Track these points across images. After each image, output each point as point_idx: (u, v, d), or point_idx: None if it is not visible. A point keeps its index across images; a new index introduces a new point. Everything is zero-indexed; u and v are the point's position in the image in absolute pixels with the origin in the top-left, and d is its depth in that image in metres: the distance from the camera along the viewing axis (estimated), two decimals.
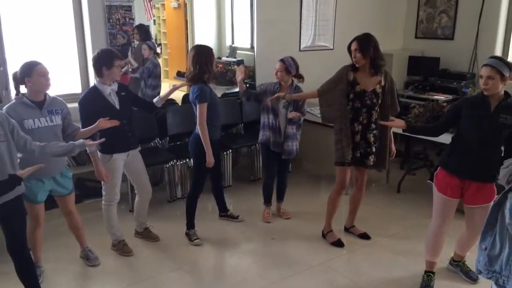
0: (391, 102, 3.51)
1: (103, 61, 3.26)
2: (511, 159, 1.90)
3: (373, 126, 3.49)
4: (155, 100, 3.67)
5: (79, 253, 3.55)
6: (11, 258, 2.75)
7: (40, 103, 3.02)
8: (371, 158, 3.55)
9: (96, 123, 3.10)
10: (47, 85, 3.02)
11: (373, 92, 3.42)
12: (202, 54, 3.55)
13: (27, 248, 2.83)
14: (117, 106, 3.36)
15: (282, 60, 3.90)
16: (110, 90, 3.33)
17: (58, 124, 3.09)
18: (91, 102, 3.28)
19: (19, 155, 2.77)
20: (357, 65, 3.41)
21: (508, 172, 1.81)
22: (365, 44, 3.35)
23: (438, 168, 3.06)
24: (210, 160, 3.62)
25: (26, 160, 2.79)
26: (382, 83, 3.44)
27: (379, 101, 3.46)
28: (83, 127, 3.24)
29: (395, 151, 3.73)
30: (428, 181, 3.16)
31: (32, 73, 2.93)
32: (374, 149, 3.54)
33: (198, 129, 3.59)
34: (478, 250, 2.01)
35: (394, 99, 3.53)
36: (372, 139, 3.51)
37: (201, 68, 3.52)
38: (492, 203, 2.91)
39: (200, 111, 3.53)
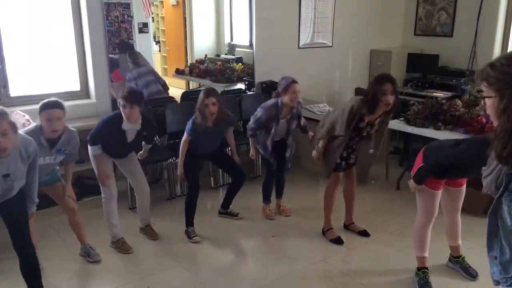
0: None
1: (122, 100, 3.29)
2: (486, 167, 1.84)
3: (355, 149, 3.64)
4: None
5: (79, 251, 3.54)
6: (18, 256, 2.70)
7: (53, 141, 2.98)
8: (352, 158, 3.67)
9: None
10: (52, 132, 2.92)
11: (370, 124, 3.46)
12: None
13: (33, 246, 2.78)
14: (129, 140, 3.45)
15: (295, 81, 3.78)
16: (129, 127, 3.38)
17: (58, 162, 3.14)
18: (110, 129, 3.37)
19: None
20: (388, 108, 3.32)
21: (493, 179, 1.77)
22: (396, 85, 3.31)
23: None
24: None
25: None
26: (382, 119, 3.50)
27: (372, 129, 3.52)
28: (95, 133, 3.36)
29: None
30: (425, 186, 3.00)
31: (41, 113, 2.90)
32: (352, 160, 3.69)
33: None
34: (489, 261, 1.97)
35: (382, 137, 3.64)
36: (353, 160, 3.69)
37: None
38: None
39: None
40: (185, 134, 3.71)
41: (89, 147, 3.42)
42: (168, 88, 5.46)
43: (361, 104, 3.32)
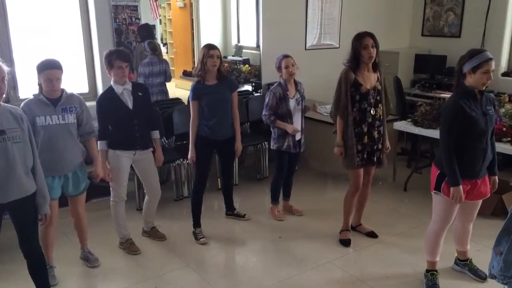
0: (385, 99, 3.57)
1: (105, 61, 3.32)
2: None
3: (378, 123, 3.51)
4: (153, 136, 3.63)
5: (79, 254, 3.55)
6: (24, 257, 2.70)
7: (55, 100, 3.02)
8: (377, 155, 3.57)
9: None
10: (52, 90, 2.99)
11: (374, 89, 3.45)
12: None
13: (40, 248, 2.77)
14: (130, 106, 3.38)
15: (287, 55, 3.88)
16: (122, 90, 3.36)
17: (71, 123, 3.08)
18: (105, 101, 3.37)
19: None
20: (371, 61, 3.39)
21: None
22: (376, 39, 3.38)
23: (446, 179, 2.91)
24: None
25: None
26: (380, 79, 3.50)
27: (381, 97, 3.49)
28: (99, 124, 3.35)
29: (389, 147, 3.70)
30: (434, 191, 3.02)
31: (40, 74, 2.95)
32: (380, 146, 3.57)
33: None
34: (492, 255, 1.94)
35: (387, 96, 3.57)
36: (376, 135, 3.53)
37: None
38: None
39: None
40: (190, 105, 3.69)
41: (98, 142, 3.39)
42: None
43: (346, 69, 3.44)
